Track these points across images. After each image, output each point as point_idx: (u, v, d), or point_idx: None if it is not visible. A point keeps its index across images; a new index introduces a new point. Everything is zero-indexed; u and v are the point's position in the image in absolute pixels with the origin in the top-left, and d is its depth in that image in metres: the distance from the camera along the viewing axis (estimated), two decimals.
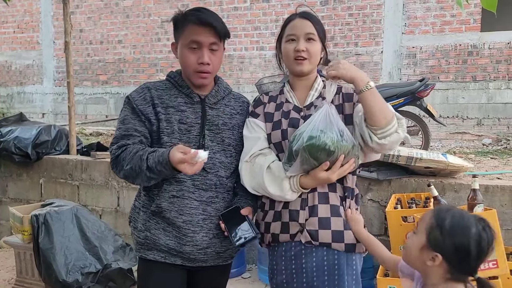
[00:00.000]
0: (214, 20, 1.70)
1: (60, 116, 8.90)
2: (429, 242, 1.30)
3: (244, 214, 1.71)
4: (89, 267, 3.24)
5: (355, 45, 7.09)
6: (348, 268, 1.69)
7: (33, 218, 3.29)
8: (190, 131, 1.74)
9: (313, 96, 1.79)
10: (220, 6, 7.71)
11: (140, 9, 8.35)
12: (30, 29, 9.25)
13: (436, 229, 1.29)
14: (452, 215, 1.29)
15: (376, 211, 3.33)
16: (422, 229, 1.32)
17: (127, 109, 1.76)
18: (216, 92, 1.82)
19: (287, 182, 1.68)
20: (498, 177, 3.56)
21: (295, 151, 1.60)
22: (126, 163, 1.66)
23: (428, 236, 1.30)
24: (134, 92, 1.79)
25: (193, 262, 1.76)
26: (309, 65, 1.75)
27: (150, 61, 8.33)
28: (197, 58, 1.70)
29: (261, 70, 7.57)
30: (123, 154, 1.68)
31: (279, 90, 1.88)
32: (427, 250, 1.30)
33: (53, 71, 9.09)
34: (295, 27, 1.75)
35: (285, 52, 1.78)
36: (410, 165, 3.17)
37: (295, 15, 1.79)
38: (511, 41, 6.38)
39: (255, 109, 1.84)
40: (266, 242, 1.79)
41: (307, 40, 1.73)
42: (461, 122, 6.62)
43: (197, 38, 1.69)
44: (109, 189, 4.19)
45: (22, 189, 4.58)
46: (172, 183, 1.72)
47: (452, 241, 1.26)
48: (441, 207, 1.41)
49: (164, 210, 1.73)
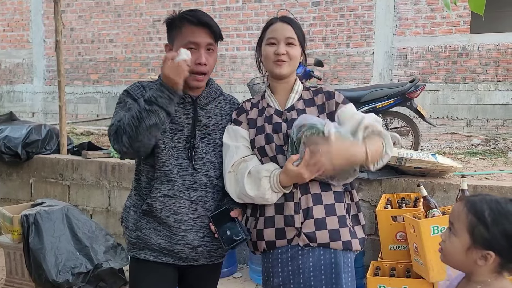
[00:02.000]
0: (209, 19, 1.73)
1: (50, 115, 8.83)
2: (475, 241, 1.20)
3: (233, 216, 1.72)
4: (79, 267, 3.23)
5: (347, 46, 7.12)
6: (345, 266, 1.70)
7: (23, 218, 3.28)
8: (181, 131, 1.76)
9: (294, 99, 1.81)
10: (212, 6, 7.71)
11: (132, 8, 8.32)
12: (20, 28, 9.17)
13: (480, 225, 1.19)
14: (488, 205, 1.21)
15: (366, 211, 3.36)
16: (462, 229, 1.22)
17: (129, 99, 1.75)
18: (208, 93, 1.83)
19: (267, 181, 1.67)
20: (487, 177, 3.61)
21: (297, 139, 1.63)
22: (126, 119, 1.62)
23: (473, 235, 1.20)
24: (131, 88, 1.80)
25: (184, 261, 1.77)
26: (288, 67, 1.78)
27: (142, 60, 8.30)
28: (194, 59, 1.70)
29: (253, 70, 7.58)
30: (122, 120, 1.64)
31: (261, 95, 1.90)
32: (475, 250, 1.20)
33: (43, 70, 9.02)
34: (275, 30, 1.78)
35: (265, 55, 1.80)
36: (400, 165, 3.20)
37: (276, 19, 1.82)
38: (499, 43, 6.46)
39: (238, 117, 1.85)
40: (260, 249, 1.78)
41: (287, 44, 1.76)
42: (451, 122, 6.68)
43: (195, 39, 1.70)
44: (100, 188, 4.17)
45: (12, 189, 4.55)
46: (163, 182, 1.73)
47: (502, 233, 1.17)
48: (470, 198, 1.27)
49: (155, 209, 1.73)
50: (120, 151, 1.67)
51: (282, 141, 1.73)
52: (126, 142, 1.62)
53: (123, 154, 1.69)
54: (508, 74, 6.43)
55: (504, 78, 6.45)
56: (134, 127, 1.59)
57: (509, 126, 6.44)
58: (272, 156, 1.75)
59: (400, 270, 2.82)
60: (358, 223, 1.80)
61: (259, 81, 4.86)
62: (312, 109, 1.78)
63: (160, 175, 1.74)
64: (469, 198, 1.29)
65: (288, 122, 1.75)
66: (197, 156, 1.76)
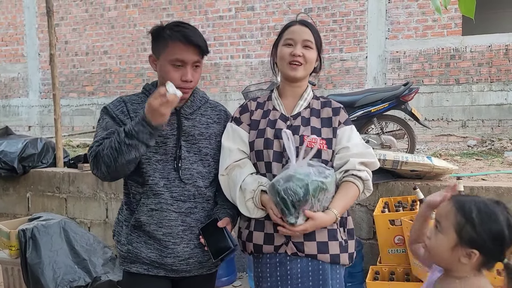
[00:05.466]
0: (198, 38, 1.70)
1: (46, 128, 8.83)
2: (461, 240, 1.24)
3: (221, 226, 1.70)
4: (78, 280, 3.21)
5: (340, 51, 7.16)
6: (333, 273, 1.70)
7: (20, 233, 3.26)
8: (166, 143, 1.74)
9: (301, 106, 1.80)
10: (205, 15, 7.74)
11: (126, 20, 8.35)
12: (14, 42, 9.19)
13: (467, 225, 1.23)
14: (476, 206, 1.24)
15: (364, 215, 3.36)
16: (449, 227, 1.26)
17: (107, 117, 1.74)
18: (192, 102, 1.81)
19: (251, 203, 1.70)
20: (483, 178, 3.61)
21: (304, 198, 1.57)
22: (105, 147, 1.60)
23: (460, 234, 1.24)
24: (111, 104, 1.79)
25: (176, 273, 1.76)
26: (303, 71, 1.77)
27: (136, 71, 8.32)
28: (180, 75, 1.69)
29: (247, 77, 7.60)
30: (102, 145, 1.63)
31: (267, 96, 1.88)
32: (460, 248, 1.25)
33: (38, 84, 9.03)
34: (294, 32, 1.77)
35: (281, 55, 1.77)
36: (396, 169, 3.20)
37: (295, 22, 1.81)
38: (491, 44, 6.51)
39: (240, 116, 1.83)
40: (248, 251, 1.79)
41: (304, 46, 1.75)
42: (446, 124, 6.71)
43: (183, 57, 1.68)
44: (97, 200, 4.16)
45: (9, 203, 4.53)
46: (150, 197, 1.72)
47: (487, 233, 1.21)
48: (459, 199, 1.31)
49: (143, 223, 1.73)
50: (99, 177, 1.69)
51: (282, 148, 1.71)
52: (105, 171, 1.63)
53: (102, 179, 1.73)
54: (501, 74, 6.48)
55: (498, 79, 6.49)
56: (112, 158, 1.59)
57: (505, 126, 6.47)
58: (267, 161, 1.74)
59: (400, 274, 2.81)
60: (352, 237, 1.80)
61: (254, 88, 4.87)
62: (316, 120, 1.78)
63: (146, 189, 1.73)
64: (458, 198, 1.32)
65: (292, 129, 1.73)
66: (184, 167, 1.74)
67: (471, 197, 1.32)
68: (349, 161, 1.71)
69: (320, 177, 1.58)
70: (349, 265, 1.76)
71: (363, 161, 1.73)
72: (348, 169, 1.71)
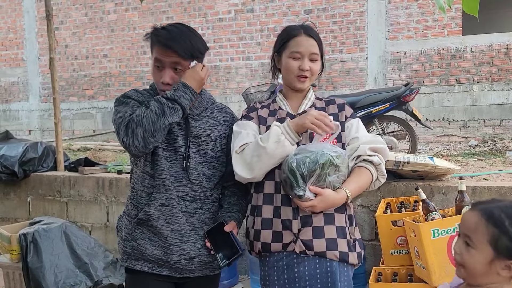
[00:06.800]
0: (177, 42, 1.68)
1: (47, 132, 8.83)
2: (499, 253, 1.17)
3: (227, 230, 1.69)
4: (79, 284, 3.19)
5: (340, 52, 7.16)
6: (341, 275, 1.69)
7: (21, 237, 3.25)
8: (176, 140, 1.74)
9: (306, 105, 1.83)
10: (205, 18, 7.75)
11: (125, 23, 8.36)
12: (14, 46, 9.21)
13: (502, 236, 1.16)
14: (505, 213, 1.18)
15: (366, 217, 3.35)
16: (482, 242, 1.19)
17: (127, 99, 1.75)
18: (199, 103, 1.82)
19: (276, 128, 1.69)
20: (485, 178, 3.60)
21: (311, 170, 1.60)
22: (142, 112, 1.62)
23: (495, 247, 1.17)
24: (128, 92, 1.80)
25: (180, 272, 1.75)
26: (309, 82, 1.81)
27: (136, 74, 8.32)
28: (159, 78, 1.72)
29: (247, 79, 7.60)
30: (136, 113, 1.64)
31: (271, 100, 1.90)
32: (498, 262, 1.18)
33: (39, 88, 9.04)
34: (301, 45, 1.76)
35: (287, 67, 1.78)
36: (398, 169, 3.19)
37: (300, 30, 1.79)
38: (492, 44, 6.50)
39: (248, 113, 1.85)
40: (255, 250, 1.78)
41: (310, 60, 1.77)
42: (447, 124, 6.70)
43: (160, 57, 1.70)
44: (98, 204, 4.15)
45: (10, 208, 4.52)
46: (162, 191, 1.71)
47: None
48: (484, 208, 1.23)
49: (152, 218, 1.71)
50: (130, 144, 1.62)
51: None
52: (141, 135, 1.60)
53: (133, 148, 1.63)
54: (502, 74, 6.47)
55: (499, 78, 6.48)
56: (151, 121, 1.60)
57: (506, 126, 6.46)
58: None
59: (402, 275, 2.80)
60: (358, 236, 1.80)
61: (254, 90, 4.87)
62: None
63: (159, 183, 1.72)
64: (483, 207, 1.24)
65: None
66: (192, 167, 1.74)
67: (495, 203, 1.24)
68: (360, 147, 1.74)
69: (332, 152, 1.62)
70: (357, 265, 1.75)
71: (373, 146, 1.76)
72: (359, 155, 1.74)
